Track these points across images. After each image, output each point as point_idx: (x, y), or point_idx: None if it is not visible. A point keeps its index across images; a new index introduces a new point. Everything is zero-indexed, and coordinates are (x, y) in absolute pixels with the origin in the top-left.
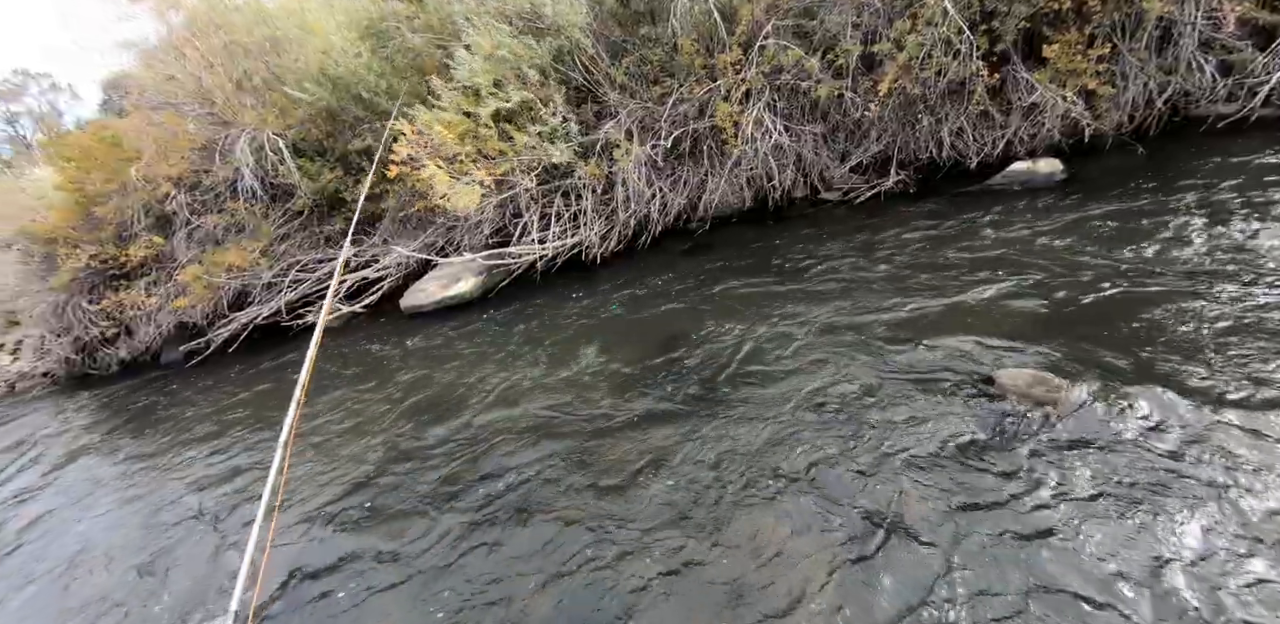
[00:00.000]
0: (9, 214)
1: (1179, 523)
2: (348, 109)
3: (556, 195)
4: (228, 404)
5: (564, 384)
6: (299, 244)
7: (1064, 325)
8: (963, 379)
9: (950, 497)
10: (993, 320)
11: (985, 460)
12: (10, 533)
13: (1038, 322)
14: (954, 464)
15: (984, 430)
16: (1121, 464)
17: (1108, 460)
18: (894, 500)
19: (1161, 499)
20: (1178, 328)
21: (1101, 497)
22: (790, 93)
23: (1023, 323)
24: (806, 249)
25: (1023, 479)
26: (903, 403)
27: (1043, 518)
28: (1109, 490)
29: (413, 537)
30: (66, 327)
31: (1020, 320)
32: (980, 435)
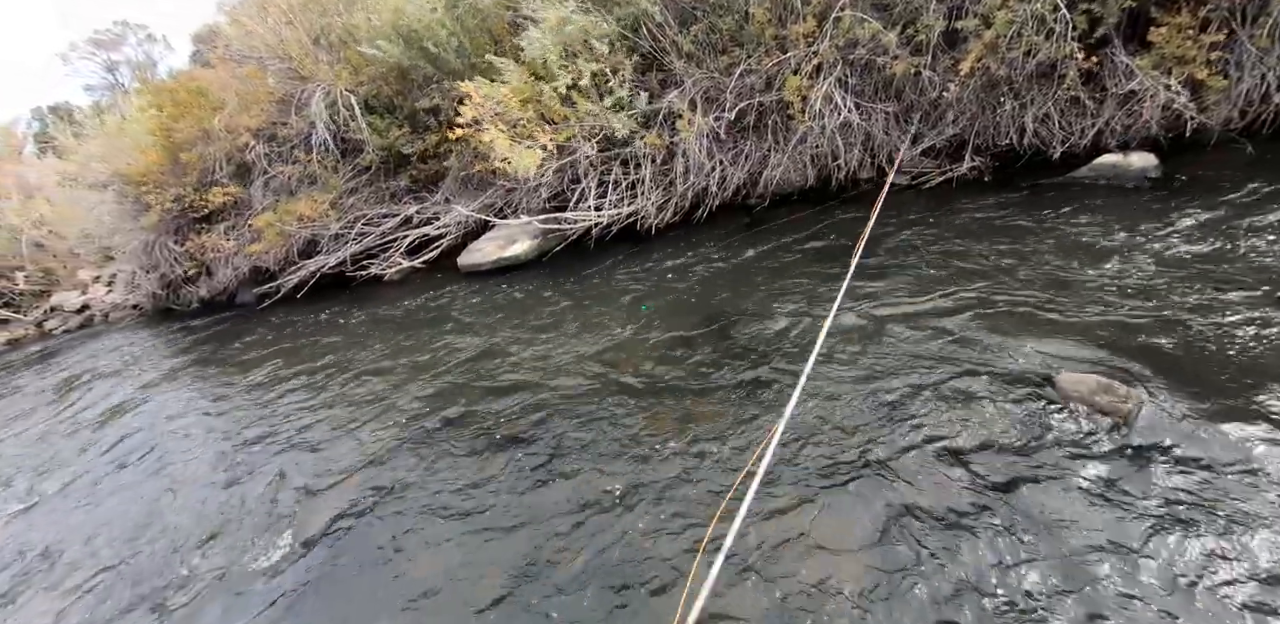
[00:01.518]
0: (108, 156)
1: (1236, 557)
2: (418, 67)
3: (616, 163)
4: (293, 345)
5: (609, 350)
6: (365, 199)
7: (1138, 335)
8: (1019, 378)
9: (989, 498)
10: (1060, 321)
11: (1033, 465)
12: (106, 444)
13: (1110, 328)
14: (998, 464)
15: (1035, 433)
16: (1185, 486)
17: (1171, 481)
18: (930, 494)
19: (1223, 529)
20: (1272, 351)
21: (1156, 519)
22: (864, 68)
23: (1092, 327)
24: (870, 233)
25: (1072, 490)
26: (951, 396)
27: (1086, 534)
28: (1165, 513)
29: (451, 482)
30: (154, 264)
31: (1090, 324)
32: (1030, 438)
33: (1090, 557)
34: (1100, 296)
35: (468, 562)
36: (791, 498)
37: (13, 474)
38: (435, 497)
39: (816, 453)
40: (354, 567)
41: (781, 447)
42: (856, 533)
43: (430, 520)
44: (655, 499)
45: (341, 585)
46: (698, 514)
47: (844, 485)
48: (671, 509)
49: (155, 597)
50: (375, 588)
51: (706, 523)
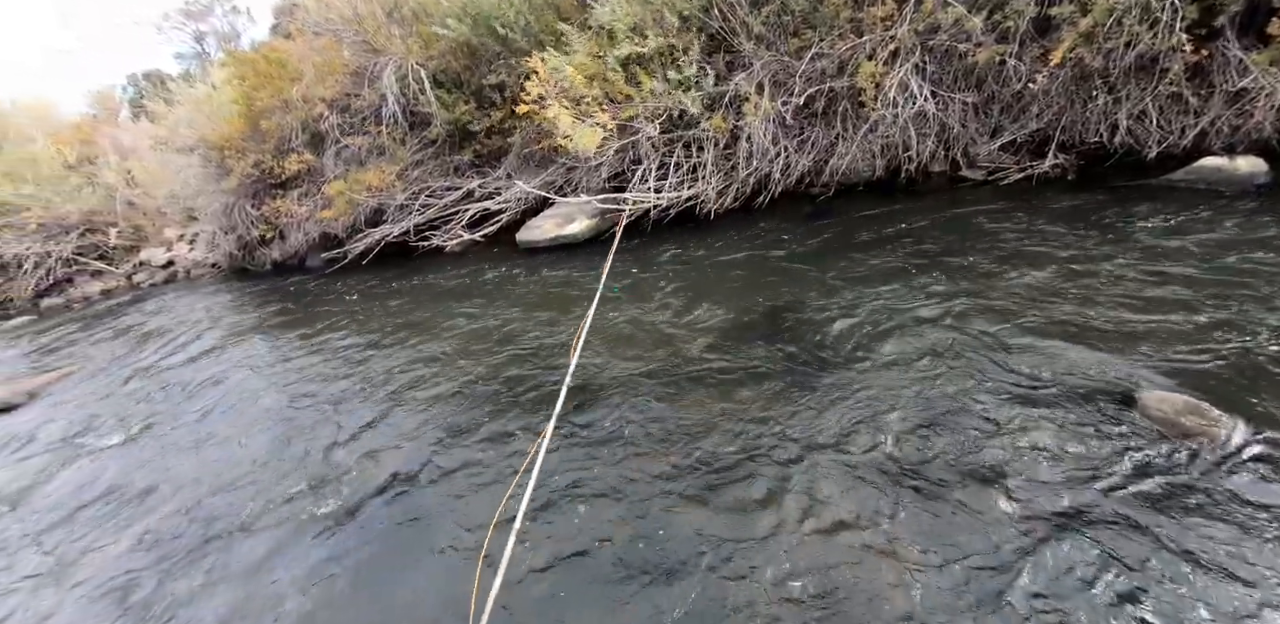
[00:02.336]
0: (194, 122)
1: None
2: (485, 44)
3: (678, 145)
4: (357, 310)
5: (660, 333)
6: (430, 171)
7: (1235, 355)
8: (1096, 395)
9: (1050, 523)
10: (1145, 335)
11: (1105, 488)
12: (184, 391)
13: (1203, 346)
14: (1065, 484)
15: (1110, 454)
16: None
17: (1261, 515)
18: (985, 508)
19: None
20: None
21: (1239, 558)
22: (944, 55)
23: (1182, 343)
24: (937, 230)
25: (1146, 518)
26: (1019, 409)
27: (1162, 570)
28: (1251, 550)
29: (499, 457)
30: (233, 226)
31: (1179, 340)
32: (1103, 458)
33: (1165, 600)
34: (1193, 311)
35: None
36: (843, 511)
37: (104, 414)
38: (481, 468)
39: (861, 462)
40: (399, 526)
41: (838, 454)
42: (898, 546)
43: (475, 489)
44: (704, 483)
45: (387, 543)
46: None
47: (885, 494)
48: (731, 493)
49: (221, 539)
50: (416, 546)
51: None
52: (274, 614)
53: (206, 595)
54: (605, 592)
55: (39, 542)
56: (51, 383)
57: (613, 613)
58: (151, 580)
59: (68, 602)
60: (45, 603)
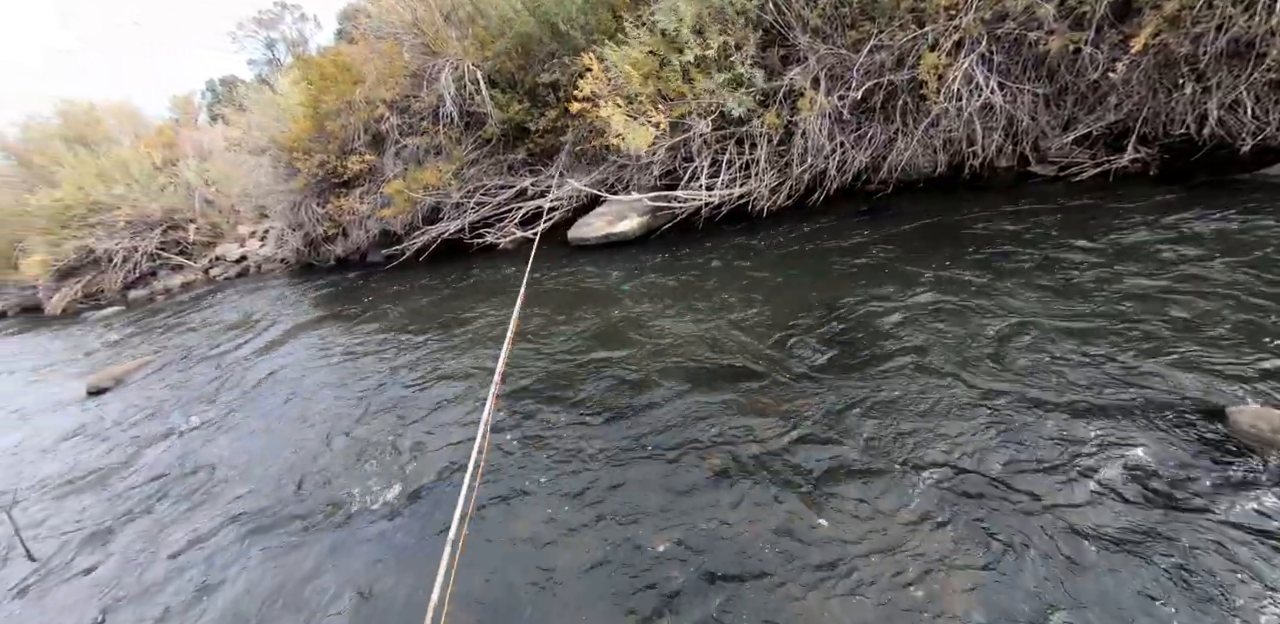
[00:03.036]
0: (265, 125)
1: None
2: (543, 41)
3: (730, 142)
4: (415, 305)
5: (711, 330)
6: (485, 170)
7: None
8: (1181, 409)
9: (1140, 543)
10: (1236, 346)
11: (1192, 508)
12: (255, 379)
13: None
14: (1148, 504)
15: (1197, 472)
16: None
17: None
18: (1059, 528)
19: None
20: None
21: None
22: (1012, 44)
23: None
24: (1003, 229)
25: (1234, 544)
26: (1096, 423)
27: (1251, 599)
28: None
29: (549, 451)
30: (300, 223)
31: (1275, 353)
32: (1190, 477)
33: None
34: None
35: (563, 527)
36: (912, 513)
37: (181, 400)
38: (534, 463)
39: (924, 473)
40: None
41: (904, 451)
42: (961, 559)
43: (530, 483)
44: (753, 481)
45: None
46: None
47: (951, 508)
48: (771, 492)
49: (282, 522)
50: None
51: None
52: (327, 591)
53: (264, 568)
54: (636, 602)
55: (128, 514)
56: (136, 369)
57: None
58: (232, 549)
59: (159, 568)
60: (140, 570)
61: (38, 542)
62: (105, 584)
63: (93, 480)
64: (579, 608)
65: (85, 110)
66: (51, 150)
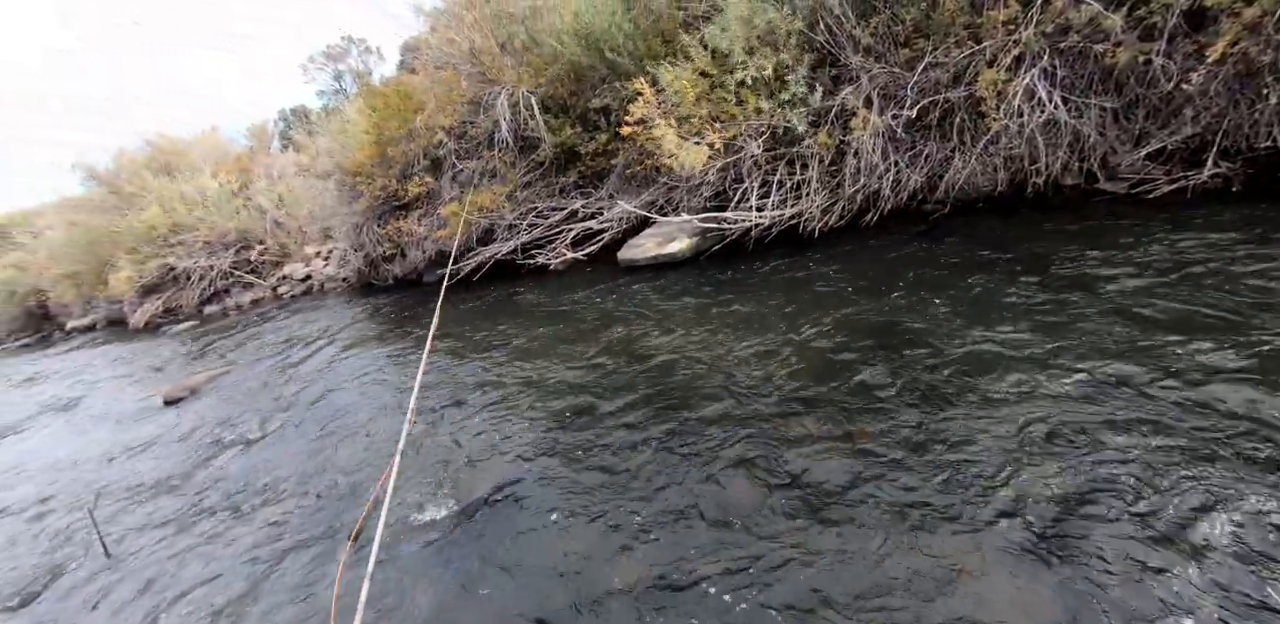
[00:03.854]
0: (331, 151)
1: None
2: (594, 68)
3: (781, 163)
4: (468, 324)
5: (759, 354)
6: (537, 192)
7: None
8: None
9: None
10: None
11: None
12: (315, 393)
13: None
14: (1258, 563)
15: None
16: None
17: None
18: (1151, 588)
19: None
20: None
21: None
22: (1076, 58)
23: None
24: (1071, 250)
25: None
26: (1185, 466)
27: None
28: None
29: (596, 470)
30: (361, 244)
31: None
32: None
33: None
34: None
35: (604, 549)
36: (979, 559)
37: (249, 411)
38: (580, 483)
39: (984, 519)
40: (500, 538)
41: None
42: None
43: (575, 504)
44: (811, 516)
45: (488, 554)
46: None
47: (1019, 561)
48: (830, 535)
49: (336, 535)
50: (517, 561)
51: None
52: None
53: (310, 575)
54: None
55: (195, 518)
56: (208, 381)
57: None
58: (284, 555)
59: (223, 565)
60: (201, 571)
61: (114, 539)
62: (168, 583)
63: (165, 485)
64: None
65: (172, 142)
66: (140, 179)
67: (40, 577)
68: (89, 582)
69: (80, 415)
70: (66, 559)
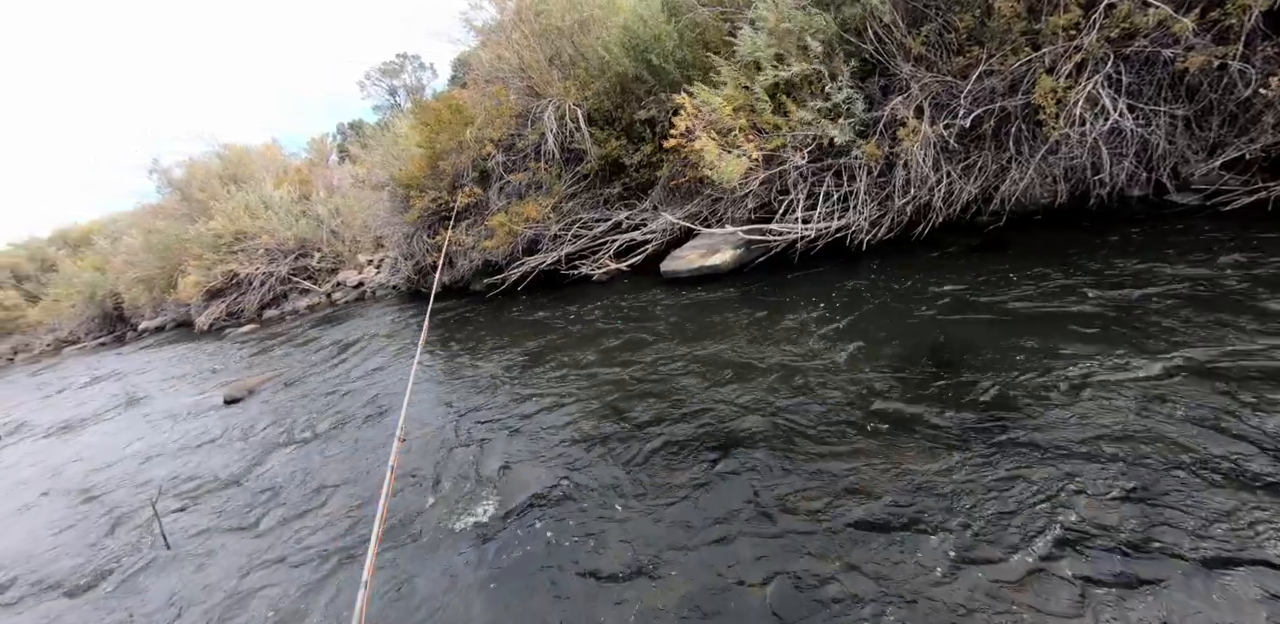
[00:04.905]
0: (385, 163)
1: None
2: (640, 79)
3: (828, 174)
4: (512, 332)
5: (803, 369)
6: (582, 204)
7: None
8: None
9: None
10: None
11: None
12: (363, 398)
13: None
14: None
15: None
16: None
17: None
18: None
19: None
20: None
21: None
22: (1143, 64)
23: None
24: (1139, 266)
25: None
26: (1258, 498)
27: None
28: None
29: (633, 485)
30: (411, 253)
31: None
32: None
33: None
34: None
35: (646, 562)
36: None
37: (303, 412)
38: (617, 496)
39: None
40: (535, 549)
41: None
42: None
43: (611, 515)
44: (849, 542)
45: (523, 562)
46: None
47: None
48: (880, 560)
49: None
50: (552, 572)
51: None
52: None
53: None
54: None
55: (251, 514)
56: (266, 382)
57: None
58: (331, 554)
59: (277, 563)
60: (262, 562)
61: (175, 531)
62: (225, 578)
63: (225, 480)
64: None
65: (239, 152)
66: (210, 187)
67: (105, 565)
68: (149, 572)
69: (148, 411)
70: (130, 549)
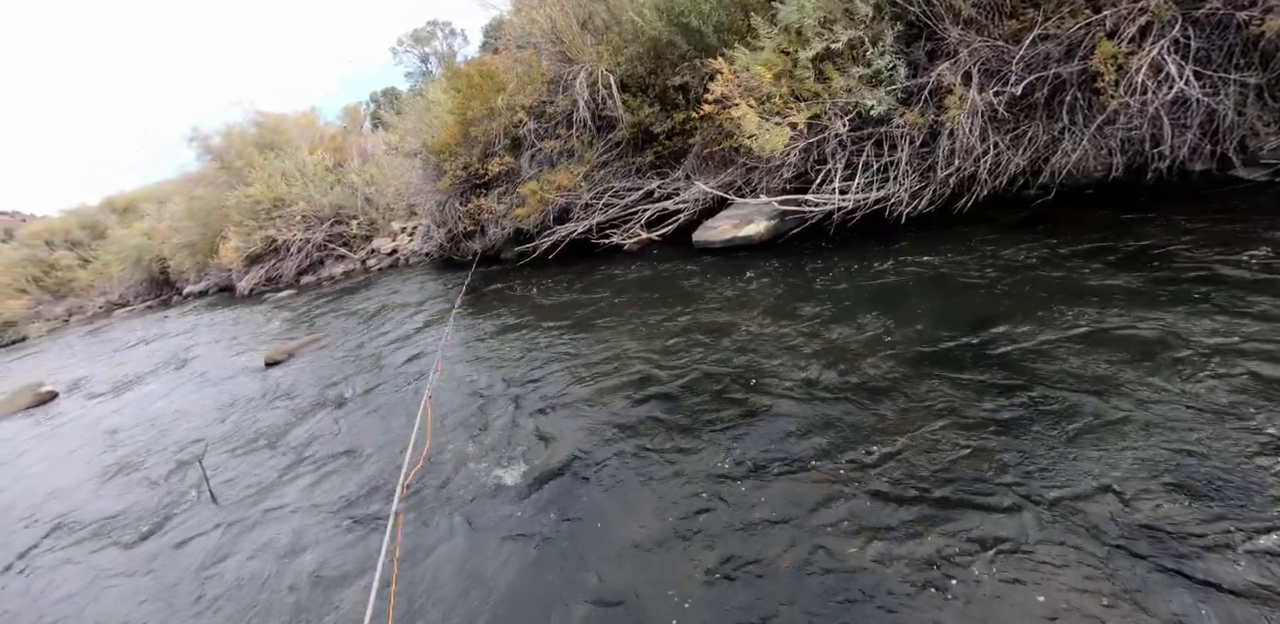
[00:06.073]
0: (418, 131)
1: None
2: (673, 44)
3: (868, 143)
4: (543, 300)
5: (839, 346)
6: (614, 172)
7: None
8: None
9: None
10: None
11: None
12: (398, 362)
13: None
14: None
15: None
16: None
17: None
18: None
19: None
20: None
21: None
22: (1214, 28)
23: None
24: (1200, 243)
25: None
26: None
27: None
28: None
29: (664, 452)
30: (444, 221)
31: None
32: None
33: None
34: None
35: (676, 531)
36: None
37: (339, 376)
38: (648, 459)
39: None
40: (567, 512)
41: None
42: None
43: (641, 483)
44: (879, 515)
45: (553, 525)
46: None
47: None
48: (910, 536)
49: (409, 496)
50: (585, 537)
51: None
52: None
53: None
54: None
55: (291, 472)
56: (305, 345)
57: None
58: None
59: (316, 519)
60: (303, 519)
61: (221, 487)
62: (268, 533)
63: (267, 439)
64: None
65: (275, 121)
66: (247, 154)
67: (154, 519)
68: (197, 526)
69: (193, 372)
70: (178, 504)
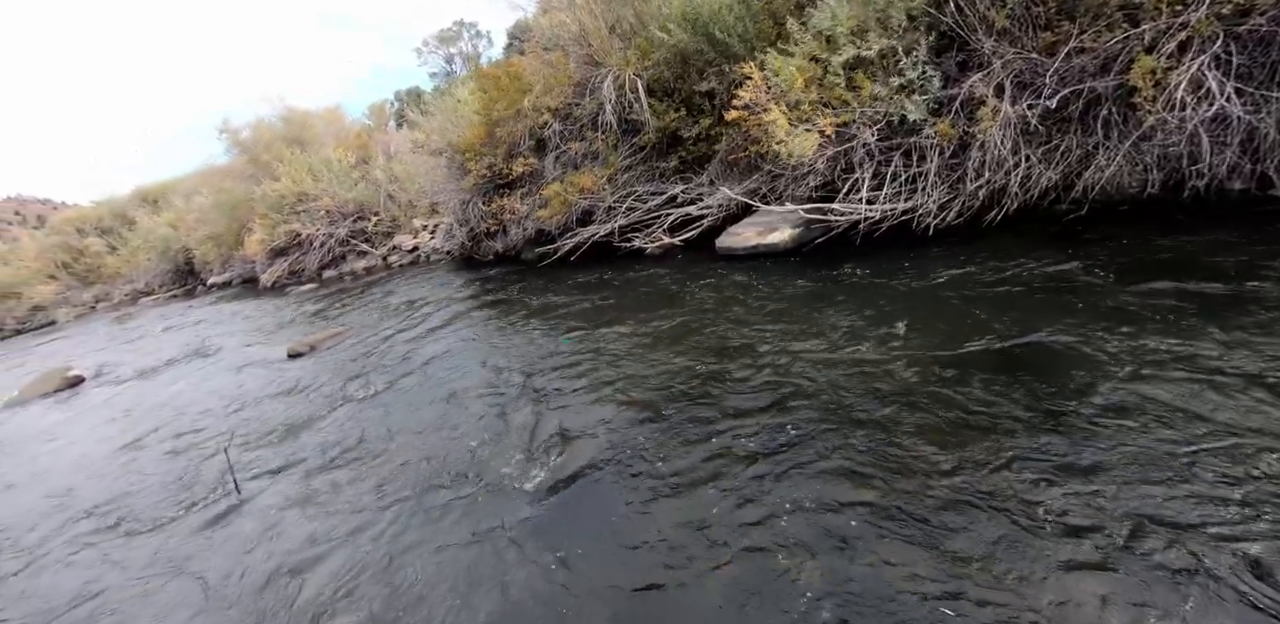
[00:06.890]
0: (443, 130)
1: None
2: (700, 51)
3: (897, 153)
4: (563, 301)
5: (862, 360)
6: (638, 176)
7: None
8: None
9: None
10: None
11: None
12: (419, 360)
13: None
14: None
15: None
16: None
17: None
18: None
19: None
20: None
21: None
22: (1257, 44)
23: None
24: (1237, 263)
25: None
26: None
27: None
28: None
29: (684, 458)
30: (466, 219)
31: None
32: None
33: None
34: None
35: (691, 537)
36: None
37: (360, 371)
38: (666, 468)
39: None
40: (582, 512)
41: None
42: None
43: (657, 487)
44: (900, 535)
45: (573, 525)
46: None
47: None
48: (936, 546)
49: (432, 493)
50: (598, 536)
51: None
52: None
53: (405, 526)
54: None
55: (311, 465)
56: (326, 339)
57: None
58: (387, 507)
59: (340, 513)
60: (325, 511)
61: (244, 478)
62: (290, 526)
63: (291, 431)
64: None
65: (302, 116)
66: (275, 149)
67: (175, 508)
68: (219, 517)
69: (217, 362)
70: (202, 494)
